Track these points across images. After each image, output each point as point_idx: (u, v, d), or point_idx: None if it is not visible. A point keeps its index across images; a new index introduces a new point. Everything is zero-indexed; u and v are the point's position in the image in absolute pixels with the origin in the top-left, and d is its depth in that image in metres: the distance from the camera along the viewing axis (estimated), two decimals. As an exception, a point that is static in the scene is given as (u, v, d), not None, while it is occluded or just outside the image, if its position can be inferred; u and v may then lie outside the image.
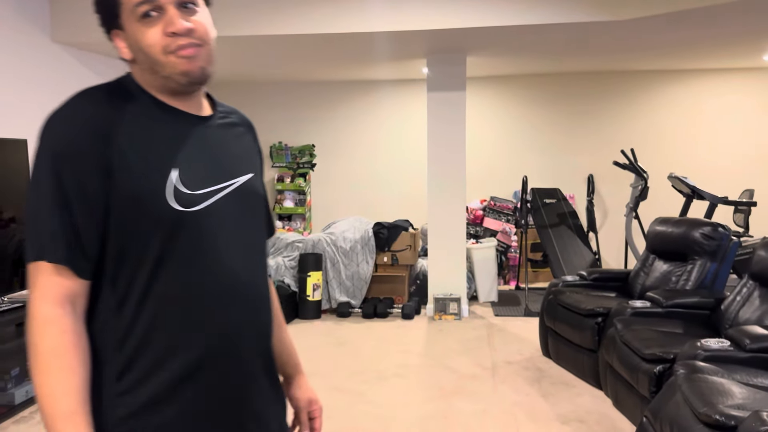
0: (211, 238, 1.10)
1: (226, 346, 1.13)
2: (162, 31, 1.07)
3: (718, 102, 7.10)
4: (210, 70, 1.13)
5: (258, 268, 1.21)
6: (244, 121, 1.31)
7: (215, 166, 1.15)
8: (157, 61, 1.08)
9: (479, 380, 4.07)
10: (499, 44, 5.22)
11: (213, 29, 1.16)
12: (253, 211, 1.22)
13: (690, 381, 2.48)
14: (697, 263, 4.02)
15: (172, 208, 1.06)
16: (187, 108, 1.15)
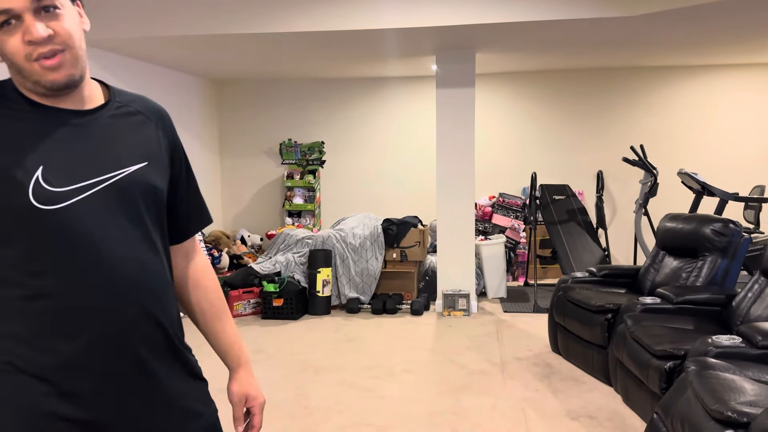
0: (81, 235, 1.11)
1: (104, 344, 1.13)
2: (21, 40, 1.08)
3: (728, 98, 7.06)
4: (78, 73, 1.14)
5: (145, 261, 1.19)
6: (150, 109, 1.29)
7: (90, 160, 1.15)
8: (21, 68, 1.10)
9: (488, 376, 4.08)
10: (508, 41, 5.22)
11: (80, 28, 1.16)
12: (141, 202, 1.20)
13: (701, 377, 2.48)
14: (708, 259, 4.01)
15: (33, 206, 1.08)
16: (65, 104, 1.16)
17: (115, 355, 1.15)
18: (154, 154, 1.25)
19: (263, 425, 1.54)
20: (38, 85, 1.11)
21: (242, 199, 7.91)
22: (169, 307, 1.25)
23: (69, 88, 1.14)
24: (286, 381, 4.05)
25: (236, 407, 1.42)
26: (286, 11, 4.62)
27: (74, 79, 1.13)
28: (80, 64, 1.14)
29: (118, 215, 1.16)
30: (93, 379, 1.13)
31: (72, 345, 1.11)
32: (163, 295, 1.23)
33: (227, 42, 5.09)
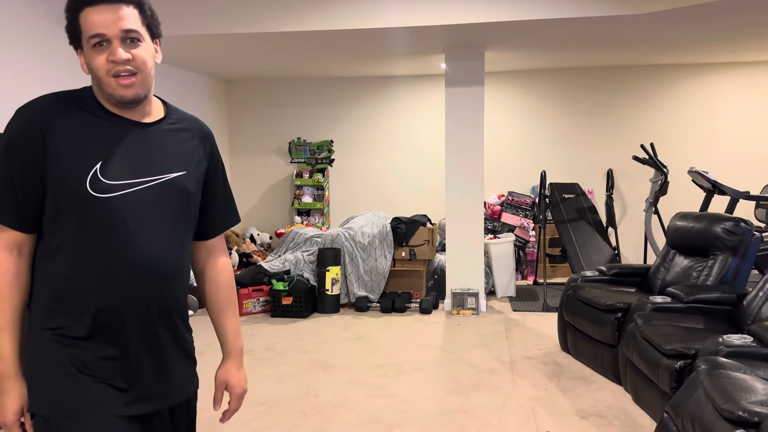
0: (120, 220, 1.39)
1: (131, 309, 1.42)
2: (106, 58, 1.37)
3: (739, 96, 7.02)
4: (144, 93, 1.42)
5: (172, 251, 1.47)
6: (196, 128, 1.58)
7: (140, 163, 1.43)
8: (101, 80, 1.39)
9: (497, 375, 4.07)
10: (517, 39, 5.20)
11: (153, 59, 1.45)
12: (176, 203, 1.48)
13: (712, 377, 2.47)
14: (719, 258, 3.99)
15: (88, 192, 1.37)
16: (130, 115, 1.45)
17: (132, 320, 1.43)
18: (192, 166, 1.53)
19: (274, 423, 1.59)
20: (111, 97, 1.40)
21: (251, 197, 7.94)
22: (180, 294, 1.52)
23: (134, 104, 1.42)
24: (296, 379, 4.06)
25: (216, 390, 1.68)
26: (296, 11, 4.63)
27: (140, 97, 1.42)
28: (147, 86, 1.43)
29: (154, 211, 1.44)
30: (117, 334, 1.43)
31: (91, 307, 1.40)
32: (175, 283, 1.49)
33: (237, 41, 5.11)
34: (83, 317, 1.40)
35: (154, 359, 1.48)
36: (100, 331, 1.41)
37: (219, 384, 1.68)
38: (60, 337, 1.40)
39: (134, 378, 1.44)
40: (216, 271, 1.67)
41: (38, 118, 1.38)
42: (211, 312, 1.68)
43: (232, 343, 1.68)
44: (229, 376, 1.67)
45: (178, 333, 1.54)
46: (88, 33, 1.37)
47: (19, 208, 1.39)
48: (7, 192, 1.39)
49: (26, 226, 1.41)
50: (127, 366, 1.44)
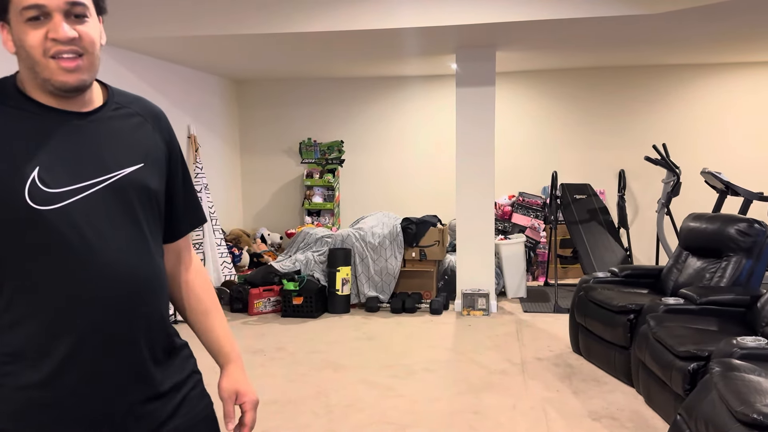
0: (75, 235, 1.12)
1: (97, 340, 1.15)
2: (44, 35, 1.10)
3: (752, 96, 6.96)
4: (90, 80, 1.16)
5: (139, 262, 1.20)
6: (147, 111, 1.31)
7: (87, 162, 1.16)
8: (37, 63, 1.11)
9: (509, 376, 4.06)
10: (529, 39, 5.19)
11: (100, 39, 1.18)
12: (137, 203, 1.21)
13: (726, 379, 2.45)
14: (732, 260, 3.96)
15: (28, 206, 1.08)
16: (65, 105, 1.17)
17: (104, 353, 1.16)
18: (150, 156, 1.26)
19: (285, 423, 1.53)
20: (47, 83, 1.13)
21: (262, 197, 7.96)
22: (161, 306, 1.27)
23: (77, 92, 1.16)
24: (306, 379, 4.07)
25: (226, 403, 1.40)
26: (307, 11, 4.64)
27: (85, 84, 1.15)
28: (94, 71, 1.17)
29: (113, 216, 1.17)
30: (84, 376, 1.15)
31: (64, 344, 1.13)
32: (153, 295, 1.24)
33: (248, 42, 5.12)
34: (43, 367, 1.12)
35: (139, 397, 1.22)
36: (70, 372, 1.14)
37: (227, 396, 1.40)
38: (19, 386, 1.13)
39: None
40: (191, 275, 1.42)
41: None
42: (192, 319, 1.42)
43: (228, 346, 1.42)
44: (238, 385, 1.41)
45: (170, 350, 1.30)
46: (22, 3, 1.09)
47: None
48: None
49: None
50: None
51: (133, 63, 5.46)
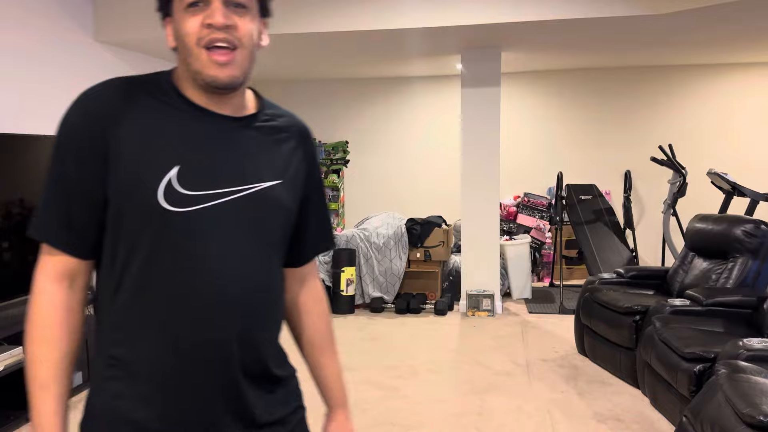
0: (199, 243, 1.06)
1: (203, 353, 1.08)
2: (201, 22, 1.05)
3: (758, 97, 6.93)
4: (241, 78, 1.09)
5: (257, 280, 1.13)
6: (295, 127, 1.25)
7: (227, 170, 1.10)
8: (190, 52, 1.06)
9: (513, 377, 4.05)
10: (534, 39, 5.18)
11: (258, 37, 1.12)
12: (269, 220, 1.14)
13: (732, 381, 2.44)
14: (738, 261, 3.94)
15: (160, 205, 1.04)
16: (217, 107, 1.11)
17: (205, 372, 1.09)
18: (289, 174, 1.19)
19: None
20: (198, 77, 1.07)
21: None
22: (275, 329, 1.20)
23: (227, 90, 1.09)
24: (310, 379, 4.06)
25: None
26: (311, 12, 4.64)
27: (236, 82, 1.08)
28: (245, 69, 1.09)
29: (243, 229, 1.11)
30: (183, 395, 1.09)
31: (170, 357, 1.07)
32: (269, 318, 1.17)
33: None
34: (150, 374, 1.08)
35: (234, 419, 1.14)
36: (169, 390, 1.08)
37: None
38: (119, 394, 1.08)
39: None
40: (312, 304, 1.34)
41: (99, 110, 1.06)
42: (307, 351, 1.35)
43: (339, 389, 1.36)
44: (345, 430, 1.36)
45: (274, 382, 1.21)
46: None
47: (74, 226, 1.06)
48: (58, 205, 1.06)
49: (82, 249, 1.08)
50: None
51: (140, 63, 5.47)
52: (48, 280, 1.07)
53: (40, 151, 3.93)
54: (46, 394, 1.05)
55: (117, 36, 4.83)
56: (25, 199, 3.80)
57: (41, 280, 1.08)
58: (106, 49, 4.98)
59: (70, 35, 4.57)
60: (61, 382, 1.06)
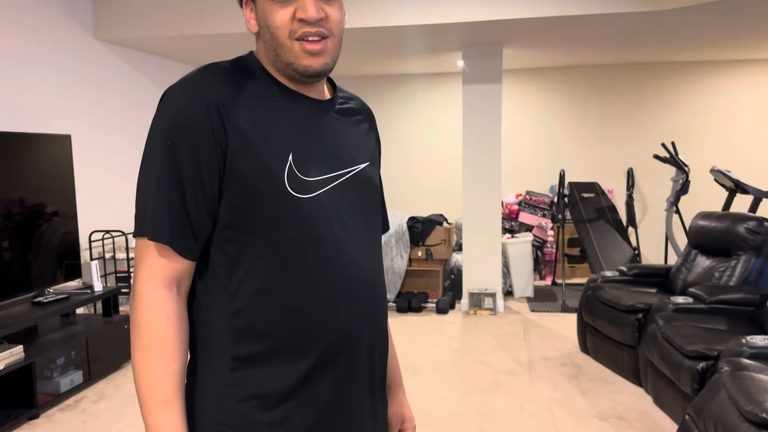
0: (327, 227, 1.04)
1: (345, 343, 1.05)
2: (292, 15, 1.01)
3: (762, 93, 6.89)
4: (332, 64, 1.07)
5: (377, 261, 1.13)
6: (364, 108, 1.24)
7: (332, 153, 1.09)
8: (281, 45, 1.03)
9: (516, 376, 4.03)
10: (536, 36, 5.16)
11: (345, 20, 1.10)
12: (369, 201, 1.14)
13: (735, 378, 2.42)
14: (741, 259, 3.92)
15: (290, 193, 1.00)
16: (308, 92, 1.10)
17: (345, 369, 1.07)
18: (372, 155, 1.20)
19: None
20: (290, 68, 1.04)
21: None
22: (386, 315, 1.18)
23: (319, 77, 1.07)
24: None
25: (392, 428, 1.31)
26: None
27: (327, 69, 1.06)
28: (335, 56, 1.07)
29: (353, 211, 1.10)
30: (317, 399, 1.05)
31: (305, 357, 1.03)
32: (384, 302, 1.16)
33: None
34: (290, 372, 1.02)
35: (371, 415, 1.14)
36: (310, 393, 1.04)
37: (395, 421, 1.31)
38: (256, 403, 1.01)
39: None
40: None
41: (211, 97, 1.00)
42: None
43: (396, 369, 1.34)
44: (405, 410, 1.33)
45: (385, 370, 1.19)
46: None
47: (189, 225, 0.99)
48: (173, 205, 0.98)
49: (194, 250, 1.01)
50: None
51: (140, 62, 5.46)
52: (157, 286, 0.99)
53: (40, 150, 3.93)
54: (170, 410, 0.97)
55: (117, 34, 4.82)
56: (25, 199, 3.79)
57: (149, 286, 0.99)
58: (105, 47, 4.98)
59: (70, 33, 4.56)
60: (182, 396, 0.99)
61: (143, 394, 0.98)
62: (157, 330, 0.98)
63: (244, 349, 1.02)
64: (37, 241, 3.89)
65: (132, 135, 5.35)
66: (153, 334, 0.98)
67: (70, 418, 3.49)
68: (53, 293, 4.01)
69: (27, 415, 3.40)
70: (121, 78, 5.20)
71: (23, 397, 3.43)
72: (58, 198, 4.06)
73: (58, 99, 4.44)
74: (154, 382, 0.97)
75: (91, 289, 4.19)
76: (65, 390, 3.71)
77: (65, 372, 3.78)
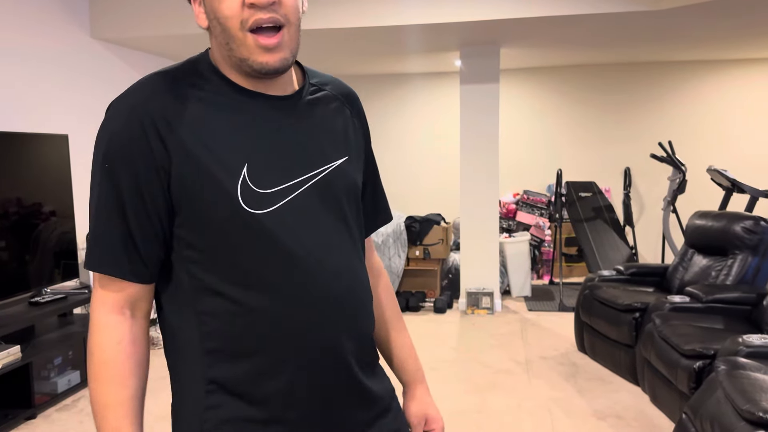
0: (290, 239, 0.97)
1: (325, 358, 1.01)
2: (241, 2, 0.92)
3: (758, 93, 6.91)
4: (291, 58, 0.97)
5: (352, 268, 1.05)
6: (342, 92, 1.13)
7: (295, 157, 1.00)
8: (233, 37, 0.94)
9: (513, 375, 4.04)
10: (533, 36, 5.16)
11: (302, 5, 1.01)
12: (344, 200, 1.05)
13: (732, 377, 2.43)
14: (738, 258, 3.93)
15: (245, 210, 0.94)
16: (264, 88, 1.00)
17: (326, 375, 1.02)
18: (352, 146, 1.10)
19: None
20: (244, 63, 0.95)
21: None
22: (371, 320, 1.12)
23: (278, 74, 0.97)
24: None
25: (415, 429, 1.23)
26: (310, 9, 4.62)
27: (287, 64, 0.97)
28: (295, 47, 0.98)
29: (324, 218, 1.02)
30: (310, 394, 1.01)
31: (278, 376, 0.98)
32: (364, 300, 1.08)
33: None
34: (269, 393, 0.99)
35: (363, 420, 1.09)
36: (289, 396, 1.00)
37: (418, 421, 1.23)
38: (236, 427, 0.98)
39: None
40: (374, 278, 1.23)
41: (150, 112, 0.94)
42: (375, 329, 1.22)
43: (414, 364, 1.25)
44: (429, 408, 1.24)
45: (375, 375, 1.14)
46: None
47: (136, 249, 0.95)
48: (114, 230, 0.95)
49: (145, 274, 0.97)
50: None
51: (137, 61, 5.45)
52: (107, 311, 0.96)
53: (37, 150, 3.92)
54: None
55: (114, 33, 4.81)
56: (22, 198, 3.79)
57: (100, 312, 0.96)
58: (102, 46, 4.97)
59: (67, 32, 4.56)
60: (135, 422, 0.96)
61: (97, 420, 0.96)
62: (107, 355, 0.95)
63: (217, 371, 0.98)
64: (35, 241, 3.88)
65: (129, 134, 5.34)
66: (104, 360, 0.96)
67: (67, 418, 3.49)
68: (50, 293, 4.00)
69: (24, 415, 3.40)
70: (119, 77, 5.19)
71: (20, 397, 3.42)
72: (56, 198, 4.05)
73: (55, 98, 4.43)
74: (104, 408, 0.95)
75: (88, 288, 4.19)
76: (63, 390, 3.71)
77: (63, 372, 3.77)
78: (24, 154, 3.82)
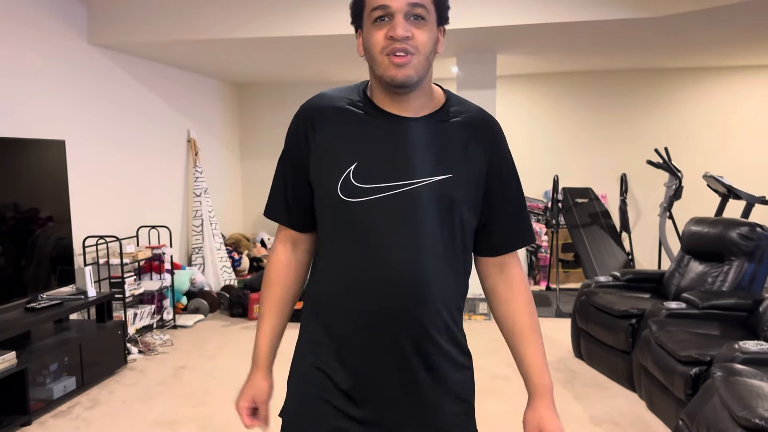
0: (365, 228, 1.26)
1: (372, 325, 1.28)
2: (385, 34, 1.23)
3: (754, 99, 6.94)
4: (415, 78, 1.24)
5: (428, 264, 1.27)
6: (478, 122, 1.36)
7: (399, 164, 1.27)
8: (374, 59, 1.25)
9: (510, 381, 4.04)
10: (530, 42, 5.18)
11: (435, 45, 1.29)
12: (435, 210, 1.28)
13: (728, 384, 2.43)
14: (734, 264, 3.94)
15: (338, 195, 1.27)
16: (399, 109, 1.30)
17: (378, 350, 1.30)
18: (462, 168, 1.31)
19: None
20: (381, 79, 1.26)
21: (262, 201, 7.91)
22: (434, 314, 1.30)
23: (403, 88, 1.26)
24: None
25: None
26: (306, 15, 4.63)
27: (410, 81, 1.24)
28: (421, 71, 1.25)
29: (409, 218, 1.26)
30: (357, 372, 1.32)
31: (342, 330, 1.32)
32: (435, 302, 1.29)
33: (248, 45, 5.12)
34: (331, 333, 1.34)
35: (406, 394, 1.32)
36: (346, 355, 1.32)
37: (530, 430, 1.38)
38: (312, 346, 1.38)
39: (378, 413, 1.31)
40: (508, 292, 1.41)
41: (304, 118, 1.34)
42: (507, 338, 1.42)
43: (537, 377, 1.38)
44: (545, 421, 1.36)
45: (436, 363, 1.33)
46: (371, 5, 1.24)
47: (288, 206, 1.39)
48: (279, 193, 1.40)
49: (297, 224, 1.40)
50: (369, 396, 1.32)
51: (133, 67, 5.46)
52: (277, 242, 1.43)
53: (34, 155, 3.92)
54: (262, 321, 1.44)
55: (111, 39, 4.82)
56: (19, 204, 3.78)
57: (275, 243, 1.44)
58: (99, 52, 4.97)
59: (64, 38, 4.56)
60: (273, 314, 1.43)
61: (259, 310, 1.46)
62: (268, 270, 1.44)
63: (311, 303, 1.38)
64: (31, 247, 3.87)
65: (126, 140, 5.34)
66: (267, 273, 1.44)
67: (63, 424, 3.47)
68: (46, 299, 3.99)
69: (20, 421, 3.39)
70: (116, 83, 5.19)
71: (16, 403, 3.41)
72: (52, 203, 4.05)
73: (52, 104, 4.43)
74: (261, 303, 1.45)
75: (84, 294, 4.17)
76: (58, 396, 3.69)
77: (58, 378, 3.76)
78: (21, 159, 3.82)
